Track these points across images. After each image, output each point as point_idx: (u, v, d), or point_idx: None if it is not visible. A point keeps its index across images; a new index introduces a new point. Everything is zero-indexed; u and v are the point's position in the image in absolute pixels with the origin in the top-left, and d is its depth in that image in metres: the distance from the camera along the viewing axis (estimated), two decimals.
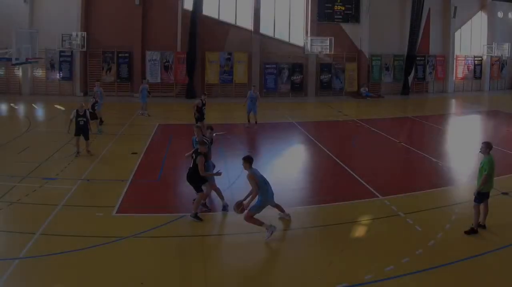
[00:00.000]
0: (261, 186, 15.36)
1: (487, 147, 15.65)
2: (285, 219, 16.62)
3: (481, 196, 15.49)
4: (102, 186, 20.61)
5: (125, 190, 19.68)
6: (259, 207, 15.34)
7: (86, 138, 25.51)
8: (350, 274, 12.92)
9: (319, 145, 28.97)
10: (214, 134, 20.12)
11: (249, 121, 34.30)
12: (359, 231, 16.37)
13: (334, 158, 25.96)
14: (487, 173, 15.14)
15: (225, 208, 17.77)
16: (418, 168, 24.84)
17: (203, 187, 17.23)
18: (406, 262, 13.45)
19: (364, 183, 21.21)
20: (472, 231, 15.36)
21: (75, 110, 25.10)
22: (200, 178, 16.95)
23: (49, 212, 17.10)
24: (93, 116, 30.65)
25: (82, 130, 25.27)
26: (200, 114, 30.62)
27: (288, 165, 25.75)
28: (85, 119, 25.31)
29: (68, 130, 25.29)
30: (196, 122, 29.12)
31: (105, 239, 14.92)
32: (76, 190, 19.83)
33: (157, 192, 19.85)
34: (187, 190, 19.87)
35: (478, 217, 15.56)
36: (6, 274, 12.59)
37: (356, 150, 29.12)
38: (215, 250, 14.90)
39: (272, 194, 15.95)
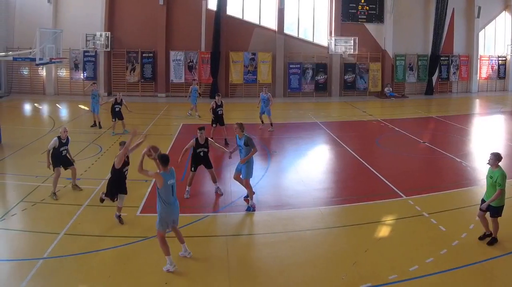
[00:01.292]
0: (166, 195, 13.38)
1: (496, 159, 14.88)
2: (187, 257, 14.13)
3: (499, 210, 14.73)
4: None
5: (149, 190, 19.83)
6: (161, 221, 13.40)
7: (70, 164, 19.98)
8: (374, 274, 12.98)
9: (343, 144, 29.00)
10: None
11: (262, 122, 34.23)
12: (383, 231, 16.38)
13: (358, 157, 25.99)
14: (502, 188, 14.41)
15: (249, 209, 17.80)
16: (442, 168, 24.71)
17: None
18: (431, 262, 13.46)
19: (388, 183, 21.27)
20: (485, 236, 15.14)
21: (56, 138, 19.28)
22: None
23: (73, 212, 17.34)
24: (119, 115, 30.91)
25: (63, 161, 19.71)
26: (214, 116, 29.65)
27: (312, 165, 25.76)
28: (67, 147, 19.70)
29: (48, 164, 19.26)
30: (212, 124, 29.34)
31: (129, 239, 15.09)
32: (100, 189, 19.80)
33: (181, 192, 19.74)
34: (211, 189, 20.05)
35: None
36: (30, 274, 12.77)
37: (380, 149, 29.02)
38: (239, 250, 14.91)
39: (178, 211, 13.94)
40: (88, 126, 32.41)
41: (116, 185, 16.60)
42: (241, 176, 18.41)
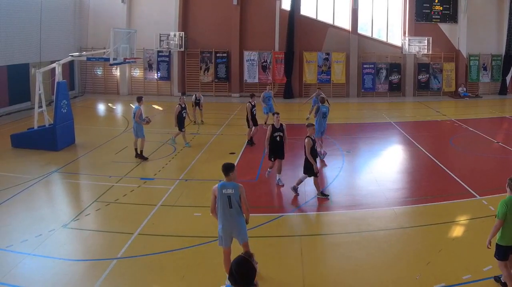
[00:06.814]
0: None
1: None
2: None
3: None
4: (200, 186, 21.04)
5: None
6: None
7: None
8: (448, 274, 12.98)
9: (417, 144, 28.88)
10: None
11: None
12: (457, 231, 16.33)
13: (432, 157, 25.87)
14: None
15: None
16: None
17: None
18: None
19: (462, 183, 21.12)
20: None
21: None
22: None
23: (147, 212, 17.62)
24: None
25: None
26: (252, 118, 29.07)
27: (385, 165, 25.83)
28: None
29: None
30: (249, 126, 29.17)
31: (203, 239, 15.31)
32: (174, 190, 20.35)
33: (255, 192, 20.01)
34: (285, 190, 20.24)
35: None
36: (104, 274, 13.02)
37: (453, 149, 28.77)
38: (313, 250, 15.08)
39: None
40: (162, 126, 32.98)
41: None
42: None
